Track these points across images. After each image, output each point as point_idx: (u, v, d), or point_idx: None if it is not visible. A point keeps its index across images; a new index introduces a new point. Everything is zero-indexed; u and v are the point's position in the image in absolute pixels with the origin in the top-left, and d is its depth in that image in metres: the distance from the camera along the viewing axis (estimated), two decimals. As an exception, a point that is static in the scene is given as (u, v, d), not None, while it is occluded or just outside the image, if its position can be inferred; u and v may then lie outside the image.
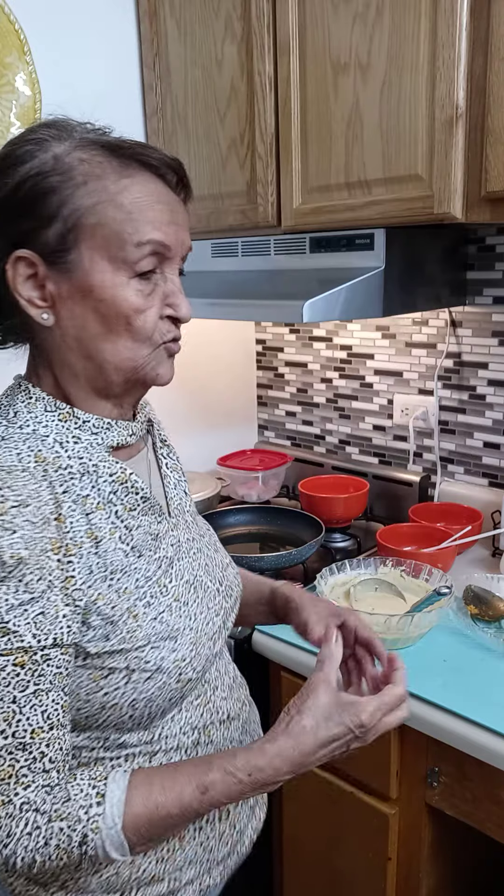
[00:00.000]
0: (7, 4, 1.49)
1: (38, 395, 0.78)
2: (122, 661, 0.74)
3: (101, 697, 0.75)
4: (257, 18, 1.47)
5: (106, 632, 0.74)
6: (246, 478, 1.95)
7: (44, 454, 0.74)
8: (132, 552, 0.78)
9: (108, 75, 1.71)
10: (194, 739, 0.84)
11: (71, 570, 0.71)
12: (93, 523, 0.75)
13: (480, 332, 1.66)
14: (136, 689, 0.75)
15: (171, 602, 0.79)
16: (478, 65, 1.18)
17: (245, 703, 0.95)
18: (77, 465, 0.76)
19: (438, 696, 1.12)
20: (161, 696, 0.77)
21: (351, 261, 1.43)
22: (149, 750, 0.81)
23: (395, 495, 1.83)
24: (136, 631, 0.75)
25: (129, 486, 0.79)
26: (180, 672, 0.78)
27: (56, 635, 0.70)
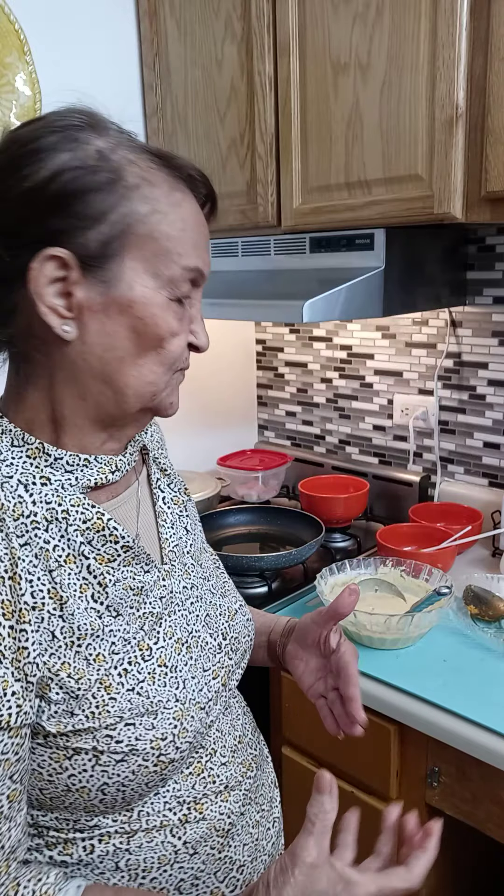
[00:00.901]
0: (7, 4, 1.49)
1: (5, 428, 0.68)
2: (90, 740, 0.65)
3: (65, 779, 0.65)
4: (257, 18, 1.47)
5: (70, 707, 0.64)
6: (246, 478, 1.95)
7: (2, 500, 0.63)
8: (107, 612, 0.68)
9: (108, 75, 1.71)
10: (182, 816, 0.72)
11: (24, 639, 0.62)
12: (56, 581, 0.65)
13: (480, 332, 1.66)
14: (106, 772, 0.66)
15: (154, 668, 0.69)
16: (478, 65, 1.18)
17: (251, 768, 0.82)
18: (43, 511, 0.65)
19: (438, 696, 1.12)
20: (136, 780, 0.67)
21: (351, 261, 1.43)
22: (126, 829, 0.70)
23: (395, 495, 1.83)
24: (106, 705, 0.65)
25: (106, 535, 0.68)
26: (159, 753, 0.68)
27: (2, 717, 0.60)
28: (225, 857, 0.75)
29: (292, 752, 1.34)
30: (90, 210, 0.62)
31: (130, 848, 0.70)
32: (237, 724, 0.82)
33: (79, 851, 0.69)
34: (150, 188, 0.64)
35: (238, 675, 0.82)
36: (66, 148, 0.62)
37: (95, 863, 0.69)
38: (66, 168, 0.62)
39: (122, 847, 0.70)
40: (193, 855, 0.73)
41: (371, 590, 1.35)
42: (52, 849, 0.69)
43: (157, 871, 0.71)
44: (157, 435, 0.89)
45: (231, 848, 0.76)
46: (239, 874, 0.77)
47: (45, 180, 0.61)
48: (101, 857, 0.69)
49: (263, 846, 0.82)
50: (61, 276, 0.63)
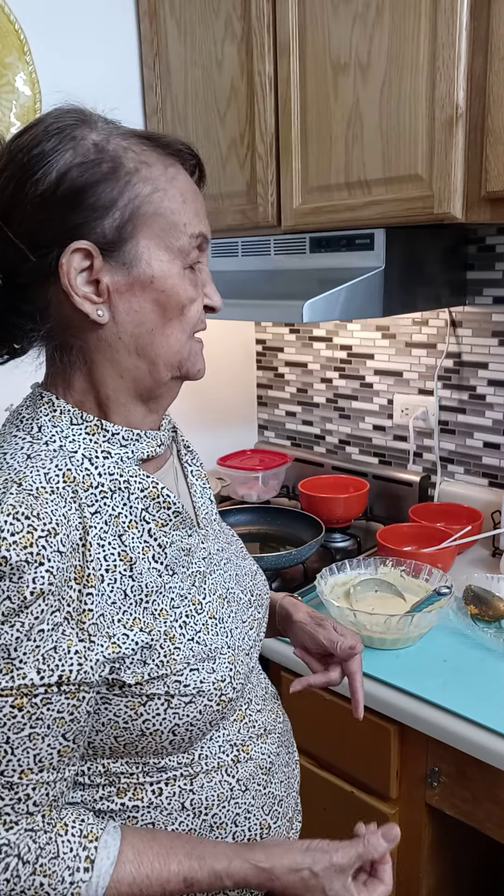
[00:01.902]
0: (7, 4, 1.49)
1: (63, 407, 0.73)
2: (161, 686, 0.71)
3: (140, 725, 0.72)
4: (257, 18, 1.47)
5: (143, 657, 0.71)
6: (246, 478, 1.95)
7: (73, 473, 0.69)
8: (166, 571, 0.75)
9: (108, 75, 1.71)
10: (234, 757, 0.81)
11: (90, 602, 0.67)
12: (126, 544, 0.71)
13: (480, 332, 1.66)
14: (177, 714, 0.73)
15: (206, 620, 0.77)
16: (478, 65, 1.18)
17: (279, 714, 0.92)
18: (108, 482, 0.71)
19: (438, 696, 1.12)
20: (202, 719, 0.75)
21: (351, 261, 1.43)
22: (189, 772, 0.78)
23: (395, 495, 1.83)
24: (173, 654, 0.72)
25: (160, 502, 0.75)
26: (221, 693, 0.75)
27: (63, 672, 0.65)
28: (268, 792, 0.85)
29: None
30: (101, 200, 0.67)
31: (193, 788, 0.78)
32: (262, 678, 0.92)
33: (148, 795, 0.76)
34: (147, 169, 0.70)
35: (264, 628, 0.90)
36: (67, 147, 0.67)
37: (164, 804, 0.77)
38: (72, 166, 0.66)
39: (186, 788, 0.77)
40: (245, 791, 0.82)
41: (371, 590, 1.35)
42: (124, 795, 0.76)
43: (217, 808, 0.79)
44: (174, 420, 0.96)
45: (272, 784, 0.86)
46: (279, 807, 0.87)
47: (55, 182, 0.66)
48: (168, 798, 0.77)
49: (292, 783, 0.92)
50: (87, 266, 0.68)
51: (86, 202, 0.67)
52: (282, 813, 0.87)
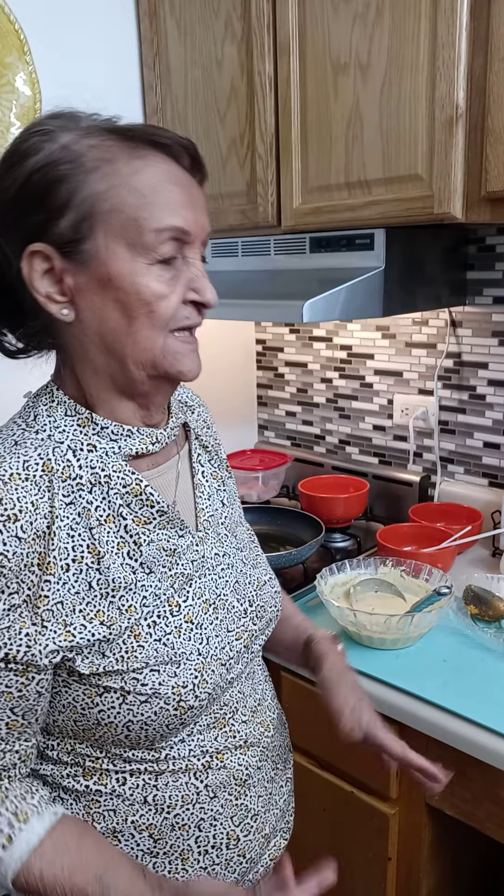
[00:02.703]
0: (7, 4, 1.49)
1: (60, 399, 0.75)
2: (118, 681, 0.72)
3: (95, 714, 0.74)
4: (257, 18, 1.47)
5: (101, 649, 0.72)
6: (246, 478, 1.95)
7: (52, 463, 0.71)
8: (141, 568, 0.75)
9: (108, 75, 1.71)
10: (205, 763, 0.81)
11: (46, 589, 0.69)
12: (95, 538, 0.72)
13: (480, 332, 1.66)
14: (131, 711, 0.73)
15: (181, 623, 0.76)
16: (478, 65, 1.18)
17: (269, 729, 0.90)
18: (88, 474, 0.73)
19: (438, 696, 1.12)
20: (158, 721, 0.75)
21: (351, 261, 1.43)
22: (154, 769, 0.78)
23: (395, 495, 1.83)
24: (135, 651, 0.73)
25: (143, 499, 0.75)
26: (179, 699, 0.75)
27: (9, 651, 0.68)
28: (241, 804, 0.84)
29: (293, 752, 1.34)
30: (57, 201, 0.68)
31: (158, 785, 0.78)
32: (258, 688, 0.90)
33: (112, 783, 0.78)
34: (108, 165, 0.68)
35: (262, 641, 0.89)
36: (35, 151, 0.68)
37: (126, 794, 0.78)
38: (34, 169, 0.68)
39: (150, 783, 0.78)
40: (213, 798, 0.81)
41: (371, 590, 1.35)
42: (89, 778, 0.78)
43: (181, 808, 0.79)
44: (204, 415, 0.97)
45: (247, 797, 0.85)
46: (252, 821, 0.86)
47: (20, 185, 0.68)
48: (131, 789, 0.78)
49: (276, 801, 0.91)
50: (48, 268, 0.69)
51: (44, 204, 0.68)
52: (255, 828, 0.86)
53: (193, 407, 0.95)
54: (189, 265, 0.73)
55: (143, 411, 0.78)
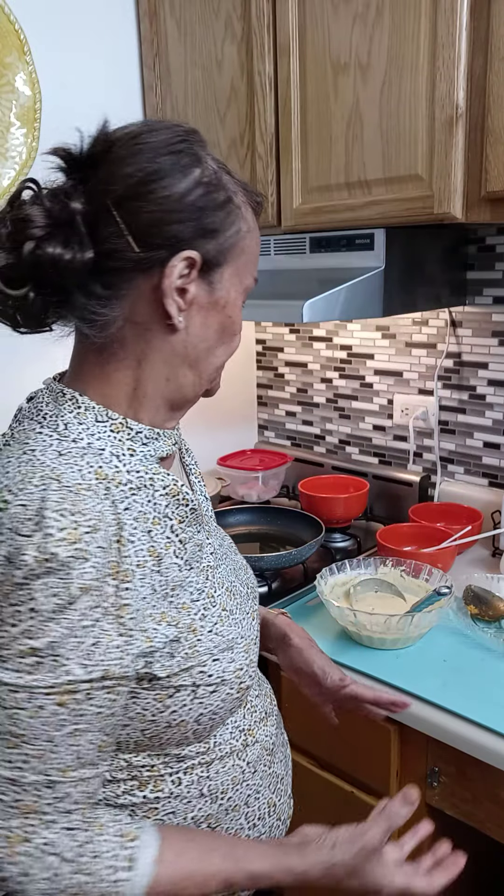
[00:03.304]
0: (7, 4, 1.49)
1: (88, 405, 0.74)
2: (188, 678, 0.74)
3: (167, 717, 0.74)
4: (257, 18, 1.47)
5: (171, 650, 0.73)
6: (246, 478, 1.95)
7: (104, 470, 0.70)
8: (185, 566, 0.76)
9: (108, 75, 1.71)
10: (243, 742, 0.84)
11: (126, 597, 0.68)
12: (154, 540, 0.72)
13: (480, 332, 1.66)
14: (202, 703, 0.75)
15: (220, 612, 0.79)
16: (478, 65, 1.18)
17: (272, 699, 0.96)
18: (135, 479, 0.73)
19: (438, 696, 1.12)
20: (224, 707, 0.78)
21: (351, 261, 1.43)
22: (205, 760, 0.80)
23: (395, 495, 1.83)
24: (196, 646, 0.75)
25: (179, 499, 0.77)
26: (240, 681, 0.79)
27: (106, 668, 0.67)
28: (272, 772, 0.89)
29: (292, 752, 1.33)
30: (212, 224, 0.73)
31: (210, 775, 0.81)
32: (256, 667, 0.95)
33: (169, 785, 0.78)
34: (246, 210, 0.77)
35: (259, 620, 0.93)
36: (196, 164, 0.72)
37: (183, 793, 0.79)
38: (199, 184, 0.71)
39: (203, 775, 0.80)
40: (254, 773, 0.86)
41: (371, 590, 1.35)
42: (145, 787, 0.77)
43: (232, 791, 0.83)
44: None
45: (275, 764, 0.90)
46: (281, 785, 0.91)
47: (182, 192, 0.70)
48: (187, 787, 0.79)
49: (288, 762, 0.97)
50: (185, 274, 0.72)
51: (202, 220, 0.72)
52: (283, 790, 0.92)
53: None
54: None
55: (170, 422, 0.81)
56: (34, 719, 0.64)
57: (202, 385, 0.79)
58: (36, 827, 0.66)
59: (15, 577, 0.63)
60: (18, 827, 0.65)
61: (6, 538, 0.64)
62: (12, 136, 1.54)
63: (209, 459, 2.04)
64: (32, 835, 0.65)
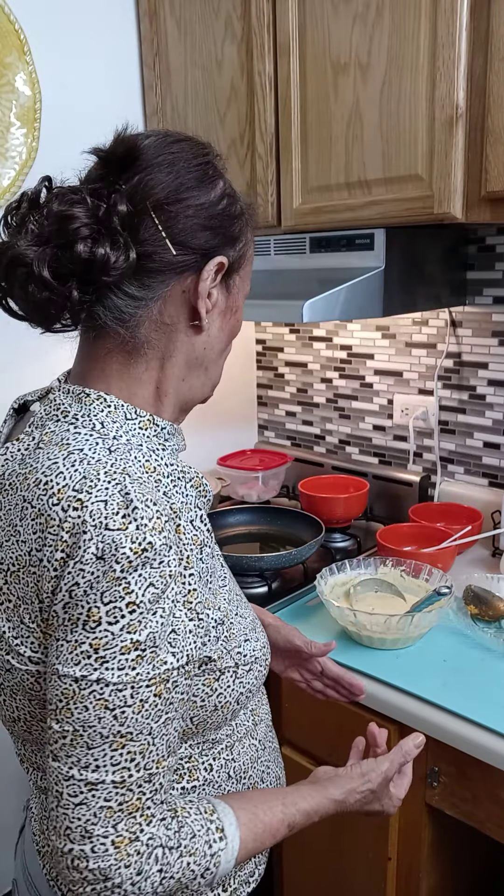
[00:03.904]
0: (7, 4, 1.49)
1: (116, 403, 0.74)
2: (230, 659, 0.77)
3: (214, 700, 0.76)
4: (257, 18, 1.47)
5: (218, 633, 0.75)
6: (246, 478, 1.95)
7: (151, 463, 0.72)
8: (212, 552, 0.79)
9: (108, 75, 1.71)
10: (253, 721, 0.89)
11: (192, 583, 0.70)
12: (197, 528, 0.74)
13: (480, 332, 1.66)
14: (242, 682, 0.79)
15: (236, 596, 0.83)
16: (478, 65, 1.18)
17: None
18: (171, 471, 0.74)
19: (438, 696, 1.12)
20: (256, 684, 0.82)
21: (351, 261, 1.43)
22: (230, 743, 0.84)
23: (395, 495, 1.83)
24: (232, 628, 0.78)
25: (201, 490, 0.78)
26: (266, 658, 0.84)
27: (189, 652, 0.69)
28: (273, 746, 0.95)
29: (292, 751, 1.34)
30: (234, 232, 0.77)
31: (234, 756, 0.84)
32: None
33: (202, 773, 0.81)
34: (251, 222, 0.82)
35: None
36: (219, 176, 0.77)
37: (215, 778, 0.82)
38: (226, 194, 0.77)
39: (229, 758, 0.84)
40: (264, 749, 0.91)
41: (371, 590, 1.35)
42: (182, 779, 0.80)
43: (252, 769, 0.87)
44: None
45: (272, 738, 0.95)
46: (278, 755, 0.97)
47: (215, 200, 0.75)
48: (217, 771, 0.82)
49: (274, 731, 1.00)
50: (213, 279, 0.76)
51: (228, 229, 0.77)
52: (280, 761, 0.97)
53: None
54: None
55: (181, 419, 0.85)
56: (138, 714, 0.65)
57: (210, 387, 0.84)
58: (141, 824, 0.67)
59: (113, 572, 0.62)
60: (125, 828, 0.66)
61: (93, 535, 0.62)
62: (12, 136, 1.54)
63: (209, 459, 2.04)
64: (139, 832, 0.66)
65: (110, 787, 0.65)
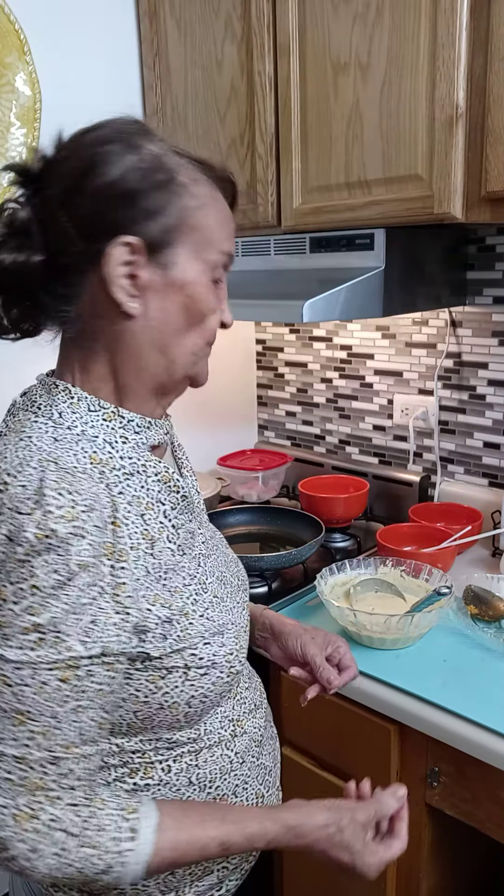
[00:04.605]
0: (7, 4, 1.49)
1: (80, 395, 0.77)
2: (180, 659, 0.76)
3: (159, 698, 0.76)
4: (257, 18, 1.47)
5: (164, 631, 0.75)
6: (246, 478, 1.95)
7: (98, 455, 0.74)
8: (178, 551, 0.79)
9: (108, 75, 1.71)
10: (231, 731, 0.86)
11: (123, 576, 0.71)
12: (148, 524, 0.76)
13: (480, 332, 1.66)
14: (193, 685, 0.77)
15: (211, 598, 0.81)
16: (478, 65, 1.18)
17: (262, 692, 0.98)
18: (128, 464, 0.76)
19: (438, 696, 1.12)
20: (214, 690, 0.80)
21: (351, 261, 1.43)
22: (194, 748, 0.82)
23: (395, 495, 1.83)
24: (187, 629, 0.77)
25: (171, 486, 0.80)
26: (230, 665, 0.81)
27: (105, 644, 0.70)
28: (261, 763, 0.91)
29: (292, 751, 1.34)
30: (153, 204, 0.73)
31: (198, 763, 0.82)
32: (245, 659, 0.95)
33: (158, 773, 0.80)
34: (196, 187, 0.76)
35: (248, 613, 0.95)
36: (130, 151, 0.73)
37: (173, 781, 0.81)
38: (132, 169, 0.72)
39: (192, 764, 0.82)
40: (242, 763, 0.87)
41: (371, 590, 1.35)
42: (135, 775, 0.79)
43: (220, 780, 0.84)
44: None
45: (263, 756, 0.92)
46: (269, 777, 0.93)
47: (115, 179, 0.72)
48: (176, 774, 0.81)
49: (277, 755, 0.98)
50: (130, 261, 0.73)
51: (139, 203, 0.73)
52: (272, 782, 0.94)
53: None
54: (220, 289, 0.82)
55: (159, 409, 0.83)
56: (38, 695, 0.67)
57: (177, 370, 0.79)
58: (43, 804, 0.68)
59: (17, 555, 0.65)
60: (26, 804, 0.67)
61: (7, 517, 0.66)
62: (12, 136, 1.54)
63: (209, 459, 2.04)
64: (39, 811, 0.67)
65: (11, 761, 0.67)
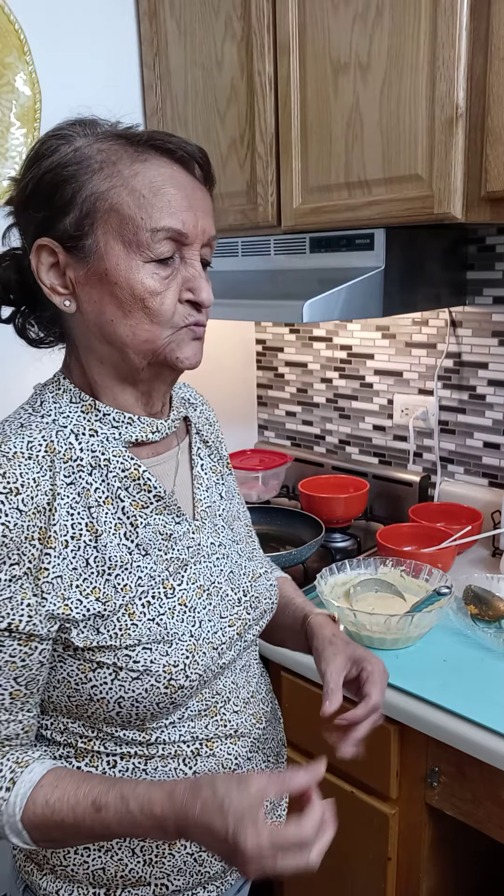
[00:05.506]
0: (7, 4, 1.49)
1: (66, 387, 0.81)
2: (111, 657, 0.75)
3: (88, 689, 0.76)
4: (257, 18, 1.47)
5: (96, 625, 0.74)
6: (246, 478, 1.95)
7: (55, 445, 0.75)
8: (136, 549, 0.78)
9: (108, 75, 1.71)
10: (194, 749, 0.82)
11: (47, 562, 0.72)
12: (94, 517, 0.76)
13: (480, 332, 1.66)
14: (123, 687, 0.76)
15: (175, 605, 0.79)
16: (478, 65, 1.18)
17: (262, 721, 0.91)
18: (88, 457, 0.77)
19: (438, 696, 1.12)
20: (148, 699, 0.76)
21: (351, 261, 1.43)
22: (144, 752, 0.80)
23: (395, 495, 1.83)
24: (128, 629, 0.75)
25: (140, 484, 0.79)
26: (170, 677, 0.76)
27: (11, 621, 0.71)
28: None
29: (292, 752, 1.34)
30: (63, 199, 0.73)
31: (147, 769, 0.80)
32: (252, 681, 0.92)
33: (103, 765, 0.80)
34: (111, 167, 0.73)
35: (256, 631, 0.90)
36: (51, 153, 0.74)
37: (116, 777, 0.79)
38: (47, 170, 0.73)
39: (140, 766, 0.80)
40: None
41: (371, 590, 1.35)
42: (81, 759, 0.80)
43: None
44: (206, 414, 1.00)
45: None
46: None
47: (36, 182, 0.74)
48: (121, 772, 0.80)
49: None
50: (54, 261, 0.75)
51: (51, 201, 0.73)
52: None
53: (196, 405, 0.99)
54: (187, 266, 0.76)
55: (144, 399, 0.82)
56: None
57: (136, 358, 0.76)
58: None
59: None
60: None
61: None
62: (12, 136, 1.54)
63: (209, 459, 2.04)
64: None
65: None
